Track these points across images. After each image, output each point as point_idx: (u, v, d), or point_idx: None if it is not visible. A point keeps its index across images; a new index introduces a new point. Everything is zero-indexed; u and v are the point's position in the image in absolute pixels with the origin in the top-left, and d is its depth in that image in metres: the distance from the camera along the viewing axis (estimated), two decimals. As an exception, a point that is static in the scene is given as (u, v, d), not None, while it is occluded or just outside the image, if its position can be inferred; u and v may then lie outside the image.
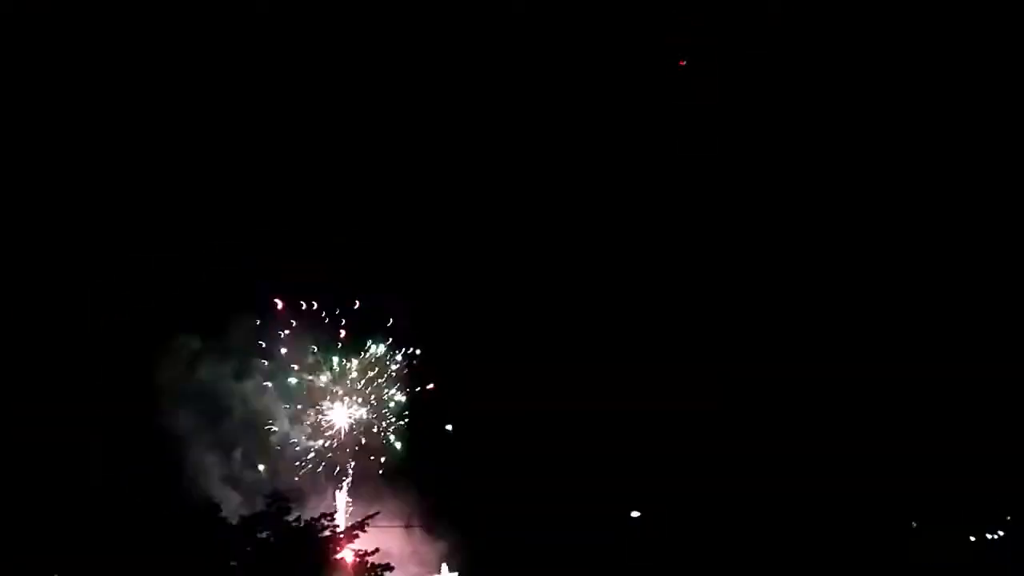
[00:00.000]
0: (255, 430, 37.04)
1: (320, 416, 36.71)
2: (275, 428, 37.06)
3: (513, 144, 36.25)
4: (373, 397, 36.26)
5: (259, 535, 33.69)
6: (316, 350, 36.54)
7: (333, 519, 34.75)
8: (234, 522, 33.87)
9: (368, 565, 34.08)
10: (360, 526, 34.37)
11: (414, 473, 35.87)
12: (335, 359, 36.46)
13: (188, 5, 36.91)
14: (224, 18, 36.43)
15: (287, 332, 37.07)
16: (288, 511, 34.08)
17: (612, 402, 34.35)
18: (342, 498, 36.20)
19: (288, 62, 36.72)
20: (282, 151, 37.30)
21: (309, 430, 36.86)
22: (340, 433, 36.67)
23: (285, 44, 36.56)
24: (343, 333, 36.63)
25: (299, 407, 37.01)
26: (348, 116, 37.24)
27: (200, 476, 36.49)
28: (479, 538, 34.86)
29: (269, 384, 37.08)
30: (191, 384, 36.86)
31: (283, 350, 37.03)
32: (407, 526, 35.84)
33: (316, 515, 34.54)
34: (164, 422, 36.48)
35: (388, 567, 34.07)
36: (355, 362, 36.21)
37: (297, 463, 36.69)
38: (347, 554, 33.96)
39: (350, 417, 36.65)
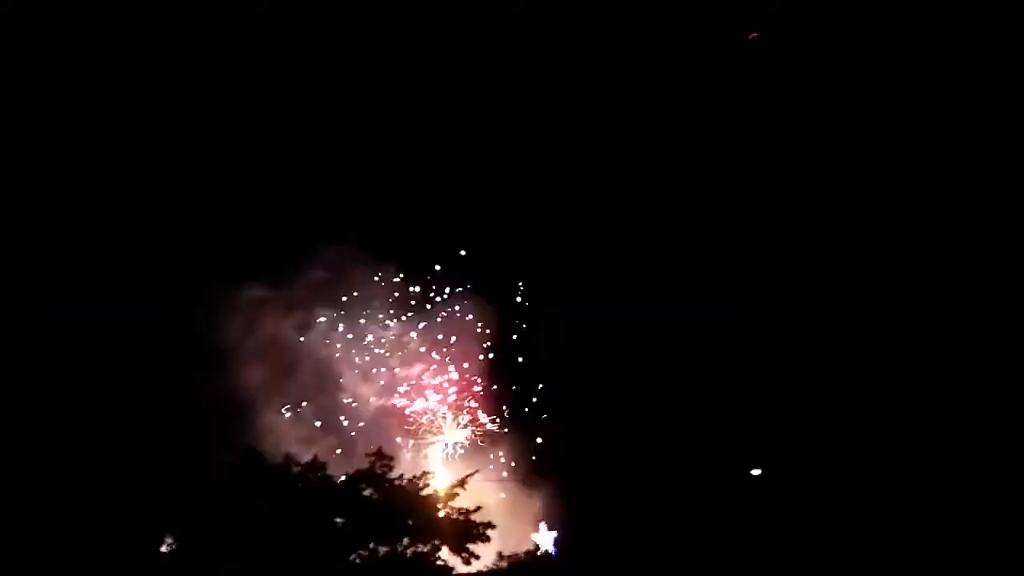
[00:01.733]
0: (324, 387, 34.90)
1: (396, 371, 35.02)
2: (344, 384, 35.03)
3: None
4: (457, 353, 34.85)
5: (363, 494, 32.04)
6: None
7: (432, 476, 33.43)
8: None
9: (471, 523, 32.95)
10: (461, 484, 33.21)
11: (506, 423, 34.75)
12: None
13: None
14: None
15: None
16: (391, 469, 32.58)
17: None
18: (435, 455, 34.70)
19: (290, 63, 34.86)
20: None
21: (382, 386, 35.09)
22: (420, 390, 35.08)
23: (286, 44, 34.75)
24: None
25: (369, 361, 35.13)
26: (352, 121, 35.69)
27: (275, 437, 34.09)
28: (579, 493, 34.04)
29: (336, 338, 34.95)
30: (256, 337, 34.40)
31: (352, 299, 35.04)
32: (500, 480, 34.75)
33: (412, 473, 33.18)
34: (233, 380, 33.91)
35: (490, 525, 33.01)
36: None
37: (372, 421, 34.83)
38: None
39: (429, 374, 35.13)
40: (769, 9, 33.17)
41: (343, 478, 31.91)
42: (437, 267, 34.72)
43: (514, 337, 34.71)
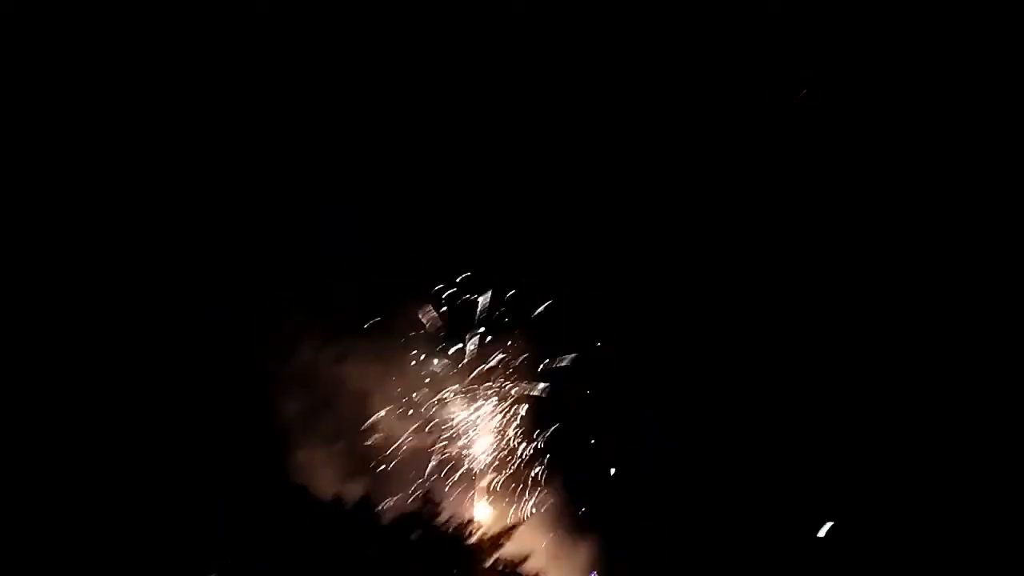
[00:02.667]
0: (359, 423, 32.87)
1: (436, 409, 33.17)
2: (379, 421, 33.05)
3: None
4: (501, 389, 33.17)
5: (411, 537, 30.26)
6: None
7: (480, 525, 31.77)
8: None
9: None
10: (508, 532, 31.67)
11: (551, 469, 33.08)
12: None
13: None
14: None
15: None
16: (438, 513, 30.91)
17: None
18: (478, 499, 32.79)
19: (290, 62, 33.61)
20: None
21: (420, 424, 33.19)
22: (461, 429, 33.26)
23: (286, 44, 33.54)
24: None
25: (407, 399, 33.24)
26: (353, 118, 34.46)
27: (308, 474, 31.83)
28: (631, 543, 32.49)
29: (372, 373, 32.98)
30: (292, 368, 32.27)
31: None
32: (545, 525, 32.99)
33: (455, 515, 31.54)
34: (270, 411, 31.68)
35: (537, 576, 31.39)
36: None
37: (408, 461, 32.87)
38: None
39: (472, 410, 33.34)
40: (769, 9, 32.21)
41: (390, 520, 30.10)
42: (484, 299, 33.03)
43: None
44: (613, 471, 32.68)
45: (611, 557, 32.45)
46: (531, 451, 32.95)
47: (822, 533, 31.32)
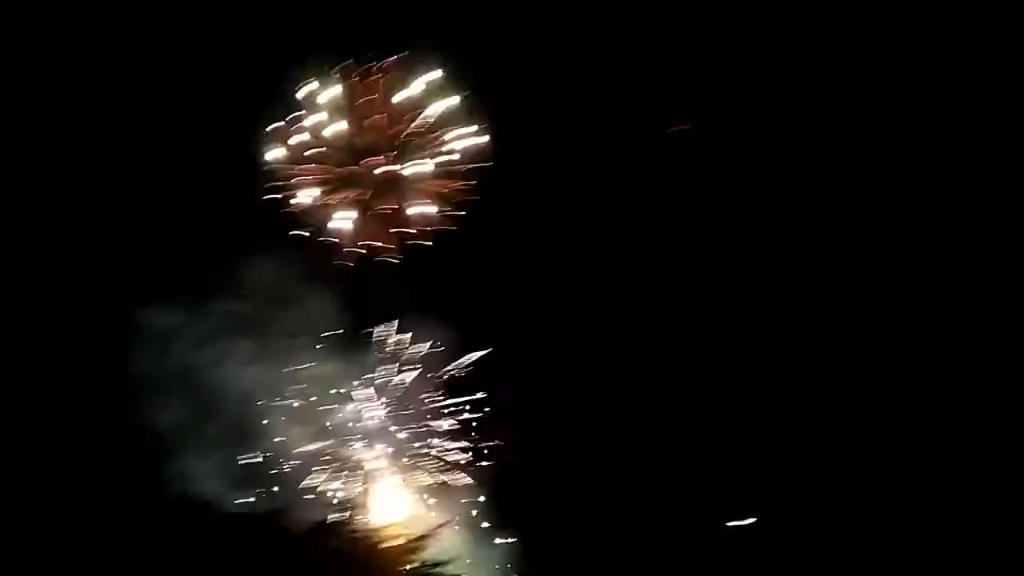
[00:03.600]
0: (248, 428, 29.80)
1: (335, 410, 30.58)
2: (270, 425, 30.11)
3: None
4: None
5: (326, 544, 27.62)
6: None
7: (394, 528, 29.37)
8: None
9: (439, 577, 29.08)
10: (432, 534, 29.47)
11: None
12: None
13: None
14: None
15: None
16: (352, 519, 28.44)
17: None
18: (391, 502, 30.22)
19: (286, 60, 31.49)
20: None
21: (312, 428, 30.46)
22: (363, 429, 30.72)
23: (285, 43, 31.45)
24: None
25: (297, 401, 30.47)
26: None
27: (196, 484, 28.48)
28: (549, 542, 30.66)
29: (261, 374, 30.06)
30: (166, 370, 28.96)
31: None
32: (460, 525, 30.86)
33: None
34: (143, 418, 28.21)
35: (460, 578, 29.30)
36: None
37: (308, 466, 30.08)
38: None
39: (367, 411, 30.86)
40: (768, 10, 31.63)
41: (304, 528, 27.35)
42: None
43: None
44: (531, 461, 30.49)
45: (527, 555, 30.44)
46: (445, 448, 30.65)
47: None
